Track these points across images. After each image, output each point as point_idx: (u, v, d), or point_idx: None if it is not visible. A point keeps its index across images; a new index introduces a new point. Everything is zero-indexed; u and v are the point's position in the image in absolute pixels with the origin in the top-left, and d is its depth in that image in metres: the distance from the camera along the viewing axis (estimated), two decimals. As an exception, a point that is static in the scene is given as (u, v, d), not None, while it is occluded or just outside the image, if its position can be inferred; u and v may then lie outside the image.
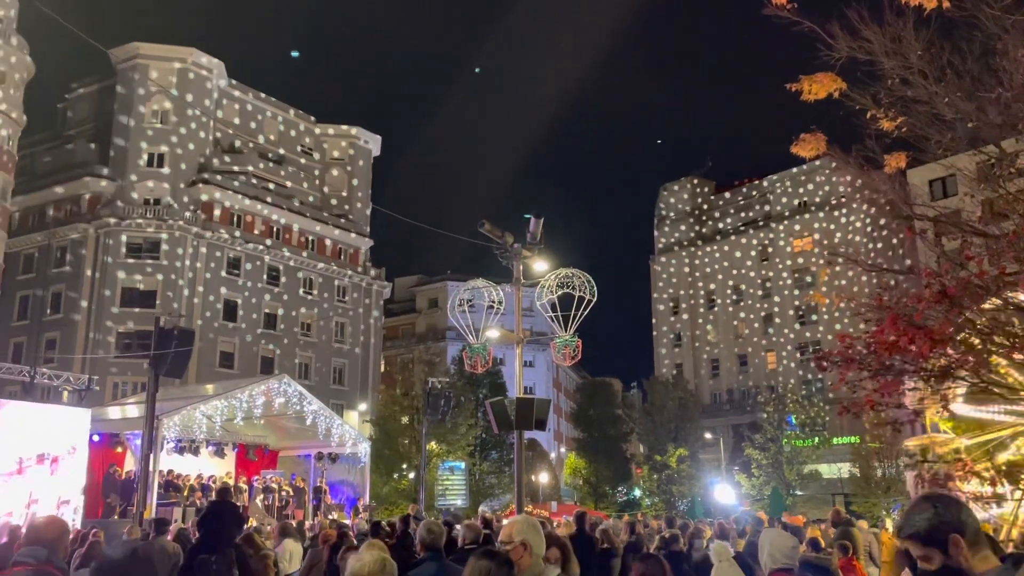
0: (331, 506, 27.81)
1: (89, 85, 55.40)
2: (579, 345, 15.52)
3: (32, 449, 18.33)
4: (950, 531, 2.63)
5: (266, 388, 26.00)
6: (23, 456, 18.29)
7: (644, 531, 15.26)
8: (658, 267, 74.98)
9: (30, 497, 18.22)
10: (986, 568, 2.61)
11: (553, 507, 39.36)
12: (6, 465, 18.09)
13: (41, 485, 18.56)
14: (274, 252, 54.56)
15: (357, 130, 62.93)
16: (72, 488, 19.43)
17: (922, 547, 2.68)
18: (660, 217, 76.63)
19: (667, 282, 74.01)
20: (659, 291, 74.57)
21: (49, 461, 18.86)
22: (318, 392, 36.97)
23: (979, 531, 2.69)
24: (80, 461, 19.89)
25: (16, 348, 48.02)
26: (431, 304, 76.04)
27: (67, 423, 20.25)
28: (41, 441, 18.69)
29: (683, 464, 51.51)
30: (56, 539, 4.74)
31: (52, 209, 51.32)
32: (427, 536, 6.40)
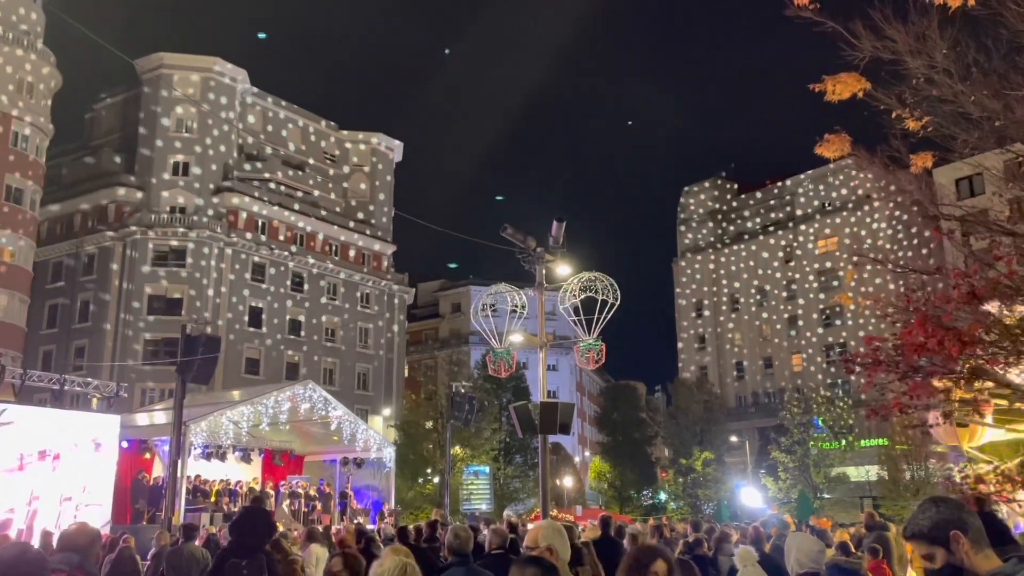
0: (357, 511, 27.92)
1: (115, 95, 56.10)
2: (603, 349, 15.49)
3: (33, 446, 18.25)
4: (952, 529, 2.76)
5: (291, 394, 26.17)
6: (23, 452, 18.24)
7: (670, 535, 15.20)
8: (681, 269, 74.68)
9: (31, 494, 18.22)
10: (989, 567, 2.72)
11: (578, 511, 39.27)
12: (7, 462, 18.14)
13: (42, 482, 18.53)
14: (298, 259, 54.95)
15: (379, 136, 63.27)
16: (73, 485, 19.33)
17: (926, 545, 2.80)
18: (683, 219, 76.32)
19: (690, 284, 73.68)
20: (682, 293, 74.26)
21: (51, 458, 18.85)
22: (343, 397, 37.14)
23: (981, 531, 2.80)
24: (82, 459, 19.74)
25: (46, 356, 48.66)
26: (454, 309, 76.20)
27: (72, 422, 20.35)
28: (43, 438, 18.64)
29: (709, 467, 51.21)
30: (87, 546, 4.81)
31: (80, 218, 52.00)
32: (454, 541, 6.40)
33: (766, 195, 71.76)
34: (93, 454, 20.36)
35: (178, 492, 19.99)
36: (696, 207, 75.66)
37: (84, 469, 19.80)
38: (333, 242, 58.01)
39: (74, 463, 19.54)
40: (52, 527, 17.39)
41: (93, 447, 20.18)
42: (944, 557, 2.76)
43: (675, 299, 75.09)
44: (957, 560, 2.74)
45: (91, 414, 22.31)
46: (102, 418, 21.55)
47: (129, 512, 22.71)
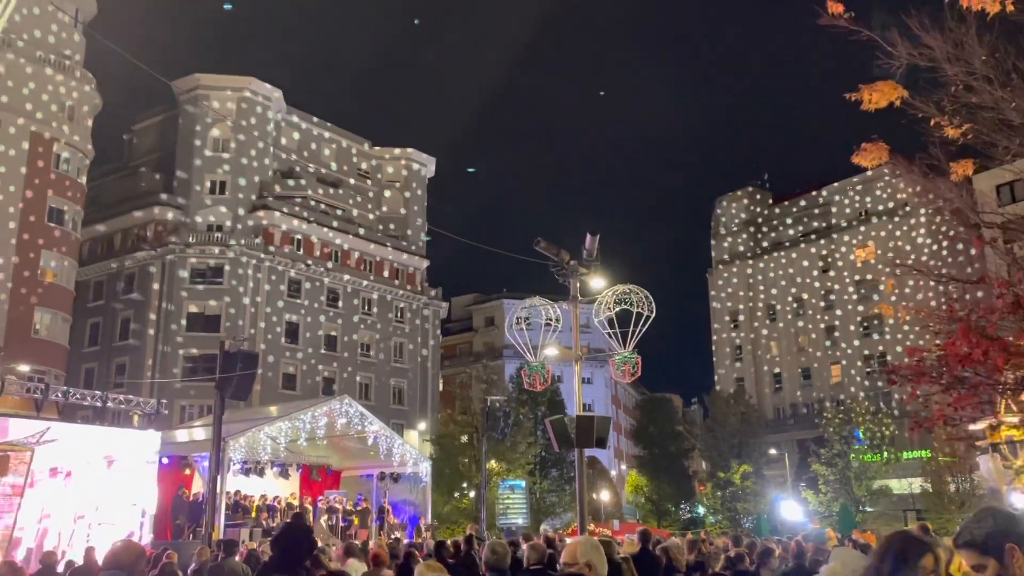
0: (394, 526, 27.96)
1: (153, 116, 57.15)
2: (639, 361, 15.42)
3: (44, 463, 17.62)
4: (1007, 541, 2.68)
5: (328, 409, 26.31)
6: (34, 469, 17.63)
7: (710, 549, 15.02)
8: (716, 279, 74.11)
9: (42, 512, 17.78)
10: None
11: (615, 525, 38.99)
12: (54, 477, 17.87)
13: (53, 499, 18.09)
14: (333, 275, 55.42)
15: (412, 152, 63.73)
16: (87, 503, 18.86)
17: (977, 556, 2.72)
18: (717, 229, 75.81)
19: (725, 295, 73.07)
20: (718, 304, 73.68)
21: (63, 475, 18.39)
22: (378, 412, 37.32)
23: None
24: (95, 475, 19.26)
25: (88, 373, 49.48)
26: (488, 322, 76.28)
27: (114, 440, 20.14)
28: (55, 455, 18.04)
29: (747, 481, 50.61)
30: (133, 563, 4.87)
31: (120, 237, 52.96)
32: (491, 557, 6.39)
33: (802, 204, 71.06)
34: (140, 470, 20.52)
35: (218, 508, 20.16)
36: (730, 217, 75.13)
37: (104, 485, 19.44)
38: (367, 258, 58.44)
39: (93, 480, 19.12)
40: (65, 545, 17.40)
41: (106, 464, 19.67)
42: (995, 569, 2.68)
43: (710, 310, 74.54)
44: (1009, 574, 2.65)
45: (132, 431, 22.61)
46: (141, 434, 21.82)
47: (170, 528, 22.94)
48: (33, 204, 41.37)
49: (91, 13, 46.76)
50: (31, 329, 40.53)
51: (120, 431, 22.42)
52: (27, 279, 40.51)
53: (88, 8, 46.45)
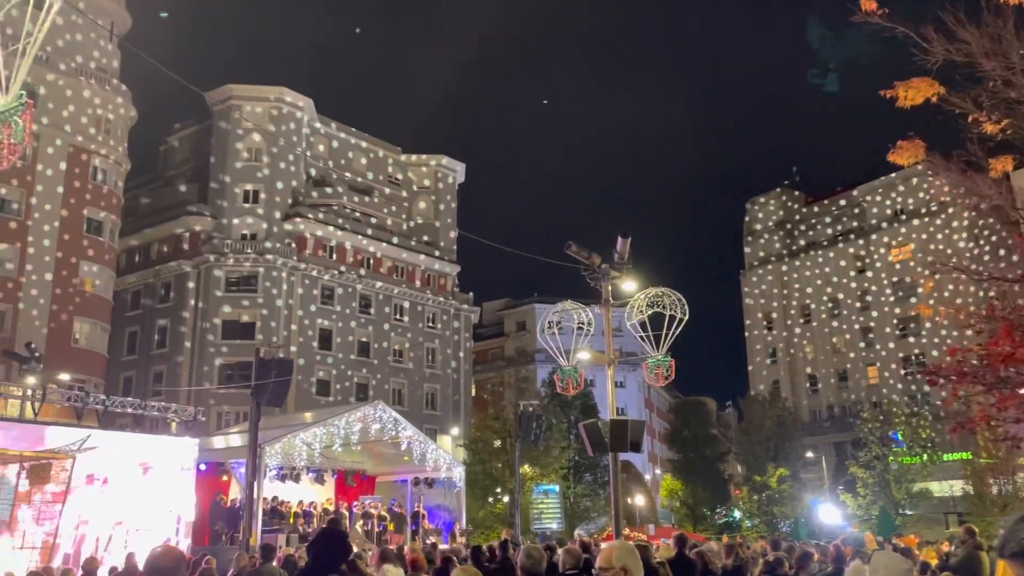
0: (429, 531, 28.01)
1: (187, 127, 57.95)
2: (672, 365, 15.34)
3: (81, 470, 17.69)
4: None
5: (362, 415, 26.45)
6: (72, 476, 17.72)
7: (747, 554, 14.87)
8: (749, 282, 73.50)
9: (79, 518, 17.91)
10: None
11: (651, 530, 38.76)
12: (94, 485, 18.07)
13: (90, 506, 18.27)
14: (365, 281, 55.77)
15: (442, 159, 64.00)
16: (123, 510, 19.03)
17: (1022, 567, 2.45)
18: (749, 231, 75.22)
19: (759, 297, 72.43)
20: (751, 306, 73.04)
21: (100, 482, 18.57)
22: (412, 417, 37.46)
23: None
24: (131, 482, 19.47)
25: (126, 382, 50.23)
26: (519, 327, 76.29)
27: (151, 446, 20.35)
28: (92, 462, 18.19)
29: (784, 484, 50.04)
30: (174, 568, 4.91)
31: (156, 247, 53.74)
32: (527, 562, 6.37)
33: (835, 204, 70.25)
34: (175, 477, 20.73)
35: (255, 513, 20.34)
36: (763, 218, 74.50)
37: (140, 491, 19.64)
38: (399, 264, 58.76)
39: (129, 486, 19.31)
40: (102, 551, 17.61)
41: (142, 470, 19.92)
42: None
43: (743, 312, 73.92)
44: None
45: (169, 438, 22.90)
46: (180, 441, 22.08)
47: (208, 534, 23.18)
48: (72, 216, 42.11)
49: (125, 27, 47.55)
50: (71, 338, 41.22)
51: (157, 438, 22.72)
52: (67, 289, 41.22)
53: (122, 22, 47.25)
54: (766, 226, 73.75)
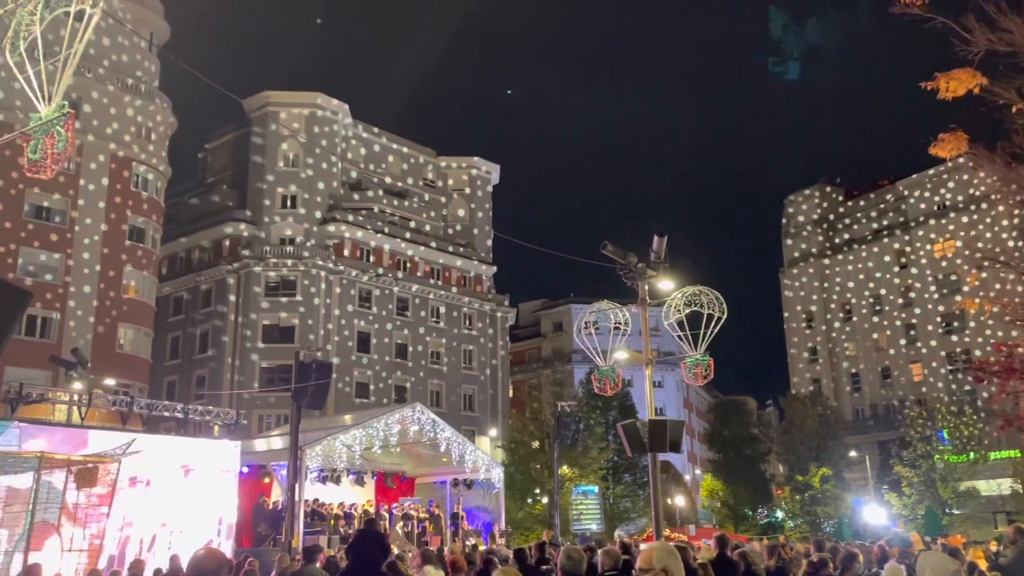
0: (468, 532, 28.08)
1: (226, 134, 58.77)
2: (711, 364, 15.22)
3: (125, 472, 17.75)
4: None
5: (401, 417, 26.60)
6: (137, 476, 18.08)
7: (790, 555, 14.68)
8: (788, 280, 72.70)
9: (123, 520, 18.06)
10: None
11: (691, 531, 38.47)
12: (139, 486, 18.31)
13: (133, 508, 18.45)
14: (402, 284, 56.10)
15: (476, 160, 64.17)
16: (166, 512, 19.24)
17: None
18: (787, 228, 74.41)
19: (799, 295, 71.62)
20: (790, 304, 72.25)
21: (143, 484, 18.76)
22: (450, 419, 37.58)
23: None
24: (173, 484, 19.67)
25: (170, 386, 51.05)
26: (555, 328, 76.22)
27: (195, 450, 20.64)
28: (135, 464, 18.30)
29: (827, 484, 49.38)
30: (216, 570, 4.96)
31: (197, 253, 54.57)
32: (567, 563, 6.38)
33: (875, 199, 69.21)
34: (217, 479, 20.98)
35: (297, 515, 20.54)
36: (801, 214, 73.66)
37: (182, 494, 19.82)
38: (435, 266, 59.02)
39: (171, 489, 19.51)
40: (145, 553, 17.88)
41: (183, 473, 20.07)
42: None
43: (783, 310, 73.13)
44: None
45: (212, 441, 23.23)
46: (224, 445, 22.38)
47: (252, 536, 23.44)
48: (115, 224, 42.91)
49: (165, 37, 48.38)
50: (116, 344, 42.00)
51: (200, 441, 23.06)
52: (111, 296, 42.01)
53: (162, 32, 48.08)
54: (805, 222, 72.91)
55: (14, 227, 39.06)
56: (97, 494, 14.12)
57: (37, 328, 38.93)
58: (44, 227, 40.42)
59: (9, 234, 38.76)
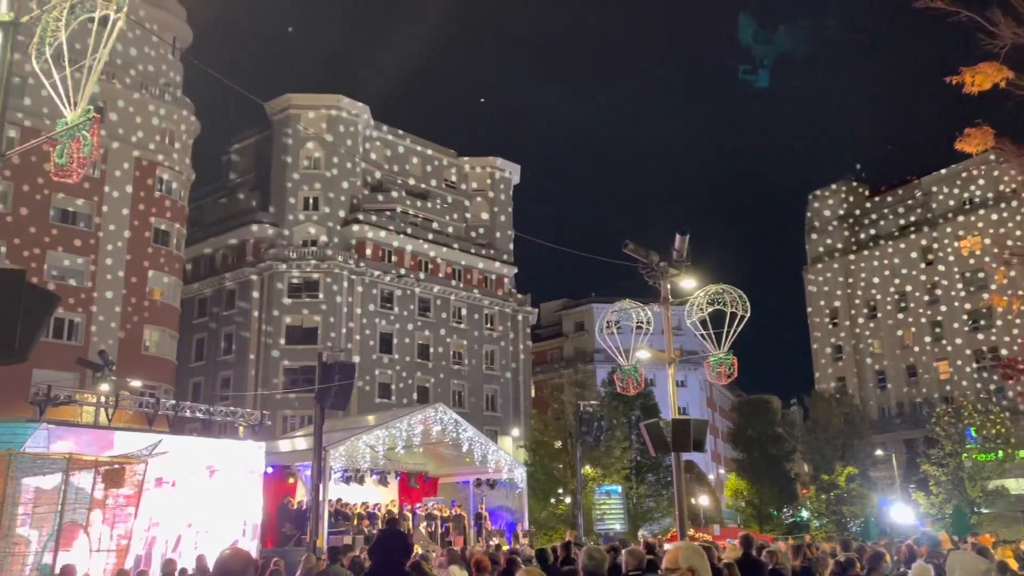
0: (491, 532, 28.10)
1: (248, 137, 59.19)
2: (734, 362, 15.13)
3: (151, 473, 17.70)
4: None
5: (423, 417, 26.68)
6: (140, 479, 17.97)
7: (816, 554, 14.58)
8: (812, 277, 72.19)
9: (150, 520, 18.23)
10: None
11: (716, 530, 38.27)
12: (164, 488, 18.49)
13: (159, 508, 18.61)
14: (424, 285, 56.24)
15: (497, 160, 64.19)
16: (192, 512, 19.41)
17: None
18: (811, 225, 73.90)
19: (823, 292, 71.11)
20: (815, 302, 71.74)
21: (168, 485, 18.93)
22: (472, 419, 37.60)
23: None
24: (198, 485, 19.83)
25: (195, 387, 51.48)
26: (577, 327, 76.11)
27: (219, 450, 20.83)
28: (161, 465, 18.32)
29: (853, 483, 48.94)
30: (242, 570, 4.99)
31: (221, 255, 55.00)
32: (589, 562, 6.37)
33: (901, 195, 68.60)
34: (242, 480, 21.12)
35: (321, 515, 20.65)
36: (825, 212, 73.13)
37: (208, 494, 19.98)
38: (456, 267, 59.10)
39: (197, 489, 19.68)
40: (171, 553, 18.06)
41: (208, 473, 20.22)
42: None
43: (807, 308, 72.63)
44: None
45: (237, 442, 23.40)
46: (249, 445, 22.54)
47: (277, 536, 23.59)
48: (139, 227, 43.37)
49: (187, 41, 48.82)
50: (141, 346, 42.45)
51: (224, 442, 23.23)
52: (136, 298, 42.47)
53: (184, 36, 48.53)
54: (830, 219, 72.38)
55: (40, 232, 39.57)
56: (124, 495, 14.27)
57: (64, 331, 39.42)
58: (70, 231, 40.92)
59: (35, 238, 39.27)
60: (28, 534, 13.55)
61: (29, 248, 38.75)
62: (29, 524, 13.54)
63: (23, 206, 39.14)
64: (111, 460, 14.70)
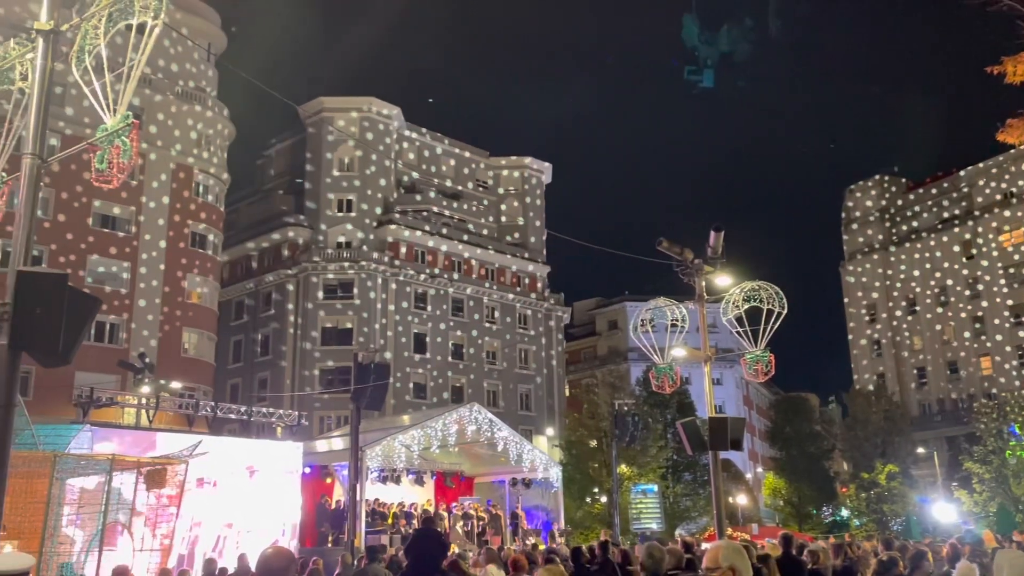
0: (528, 531, 28.11)
1: (283, 141, 59.81)
2: (771, 360, 14.96)
3: (192, 473, 17.87)
4: None
5: (458, 417, 26.76)
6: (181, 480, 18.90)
7: (857, 553, 14.38)
8: (849, 273, 71.27)
9: (192, 520, 18.66)
10: None
11: (754, 529, 37.92)
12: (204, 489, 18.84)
13: (201, 508, 18.95)
14: (457, 285, 56.41)
15: (529, 160, 64.20)
16: (233, 512, 19.74)
17: None
18: (848, 220, 72.95)
19: (860, 288, 70.17)
20: (852, 298, 70.83)
21: (210, 485, 19.31)
22: (506, 419, 37.62)
23: None
24: (238, 485, 20.16)
25: (233, 389, 52.11)
26: (611, 326, 75.86)
27: (259, 451, 21.08)
28: (202, 466, 18.49)
29: (893, 481, 48.24)
30: (284, 568, 5.05)
31: (257, 258, 55.64)
32: (648, 560, 6.46)
33: (940, 189, 67.44)
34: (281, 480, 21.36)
35: (359, 515, 20.78)
36: (862, 206, 72.14)
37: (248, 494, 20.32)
38: (489, 267, 59.21)
39: (237, 489, 20.04)
40: (212, 552, 18.33)
41: (248, 474, 20.58)
42: None
43: (844, 304, 71.71)
44: None
45: (275, 442, 23.65)
46: (287, 446, 22.77)
47: (315, 535, 23.80)
48: (177, 231, 44.00)
49: (222, 47, 49.43)
50: (180, 348, 43.06)
51: (264, 443, 23.49)
52: (175, 301, 43.09)
53: (219, 42, 49.14)
54: (867, 213, 71.41)
55: (81, 237, 40.29)
56: (166, 495, 14.48)
57: (105, 334, 40.10)
58: (109, 236, 41.61)
59: (75, 244, 39.98)
60: (73, 534, 13.80)
61: (68, 254, 39.45)
62: (76, 524, 13.79)
63: (63, 212, 39.87)
64: (153, 461, 14.92)
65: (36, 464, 12.44)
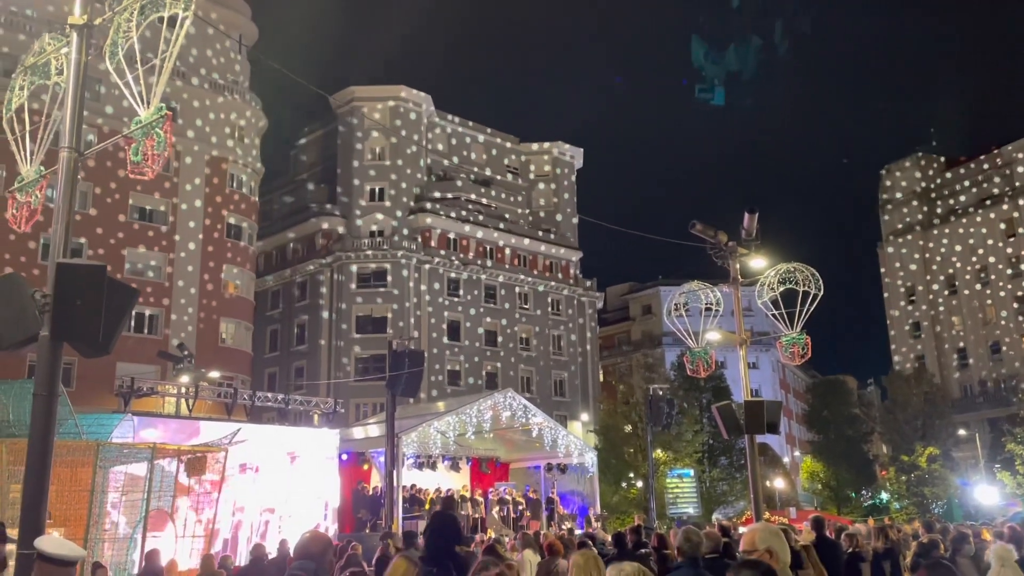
0: (564, 516, 28.17)
1: (314, 131, 60.15)
2: (808, 342, 14.81)
3: (234, 460, 18.42)
4: None
5: (492, 403, 26.86)
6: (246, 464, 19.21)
7: (898, 536, 14.23)
8: (887, 253, 70.18)
9: (234, 506, 19.24)
10: None
11: (792, 513, 37.67)
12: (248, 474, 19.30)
13: (243, 494, 19.49)
14: (489, 272, 56.46)
15: (560, 145, 63.94)
16: (274, 497, 20.25)
17: None
18: (885, 200, 71.79)
19: (899, 269, 69.08)
20: (890, 279, 69.78)
21: (252, 471, 19.81)
22: (541, 404, 37.70)
23: None
24: (280, 471, 20.65)
25: (270, 378, 52.77)
26: (644, 311, 75.52)
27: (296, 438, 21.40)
28: (244, 452, 18.99)
29: (934, 464, 47.61)
30: (321, 553, 5.14)
31: (291, 248, 56.17)
32: (685, 544, 6.47)
33: (980, 166, 66.06)
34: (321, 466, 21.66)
35: (396, 501, 20.98)
36: (899, 186, 70.93)
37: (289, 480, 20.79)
38: (521, 253, 59.17)
39: (278, 475, 20.53)
40: (256, 537, 18.70)
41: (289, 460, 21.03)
42: None
43: (882, 285, 70.69)
44: None
45: (313, 429, 23.94)
46: (324, 433, 23.04)
47: (353, 521, 24.07)
48: (213, 223, 44.52)
49: (253, 38, 49.77)
50: (218, 338, 43.65)
51: (301, 430, 23.80)
52: (212, 292, 43.66)
53: (250, 33, 49.48)
54: (905, 193, 70.21)
55: (119, 229, 40.91)
56: (209, 481, 14.78)
57: (144, 324, 40.76)
58: (147, 228, 42.22)
59: (113, 236, 40.62)
60: (118, 519, 14.10)
61: (107, 245, 40.08)
62: (120, 509, 14.09)
63: (101, 206, 40.50)
64: (193, 448, 15.18)
65: (80, 453, 12.72)
